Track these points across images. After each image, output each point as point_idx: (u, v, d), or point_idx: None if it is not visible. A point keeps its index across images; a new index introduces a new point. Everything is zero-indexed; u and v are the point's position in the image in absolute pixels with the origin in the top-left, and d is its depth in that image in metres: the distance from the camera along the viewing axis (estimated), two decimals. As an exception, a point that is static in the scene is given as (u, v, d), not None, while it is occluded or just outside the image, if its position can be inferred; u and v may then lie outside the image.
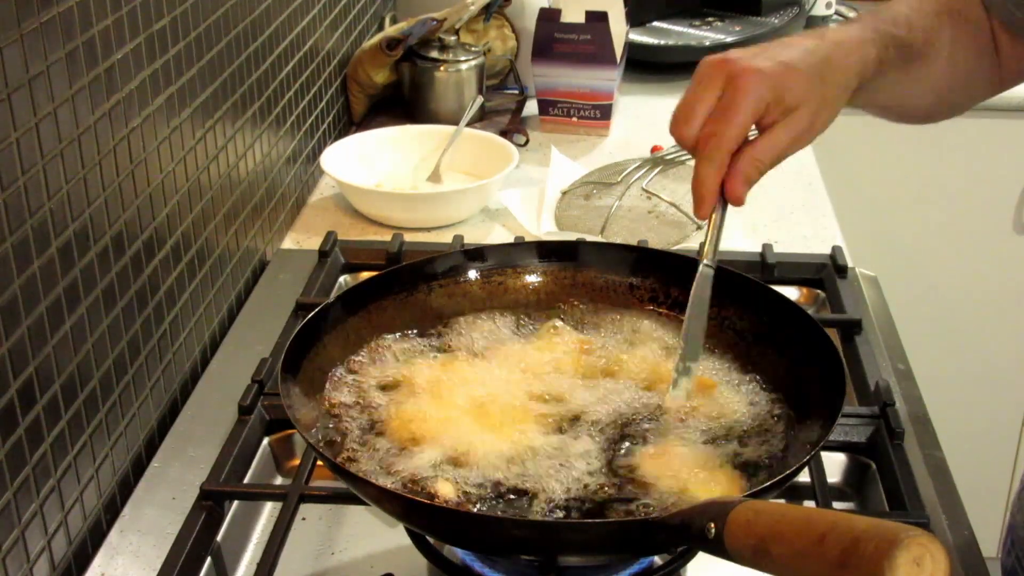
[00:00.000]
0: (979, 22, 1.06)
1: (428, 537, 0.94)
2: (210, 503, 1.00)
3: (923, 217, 2.26)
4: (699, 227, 1.50)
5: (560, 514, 0.85)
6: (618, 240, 1.48)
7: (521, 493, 0.87)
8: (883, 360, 1.22)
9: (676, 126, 0.91)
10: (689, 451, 0.91)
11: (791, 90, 0.90)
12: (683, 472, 0.89)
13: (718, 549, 0.72)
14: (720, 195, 0.90)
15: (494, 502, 0.86)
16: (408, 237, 1.45)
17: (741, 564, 0.72)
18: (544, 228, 1.54)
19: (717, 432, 0.94)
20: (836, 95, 0.94)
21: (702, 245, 0.94)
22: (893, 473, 1.03)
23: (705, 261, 0.94)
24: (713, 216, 0.92)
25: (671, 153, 1.70)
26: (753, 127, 0.91)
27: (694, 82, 0.91)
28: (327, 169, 1.59)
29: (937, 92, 1.07)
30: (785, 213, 1.61)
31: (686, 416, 0.95)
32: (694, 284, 0.94)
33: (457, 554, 0.94)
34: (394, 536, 1.02)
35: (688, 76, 0.93)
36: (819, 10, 2.39)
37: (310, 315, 1.01)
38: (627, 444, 0.92)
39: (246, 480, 1.06)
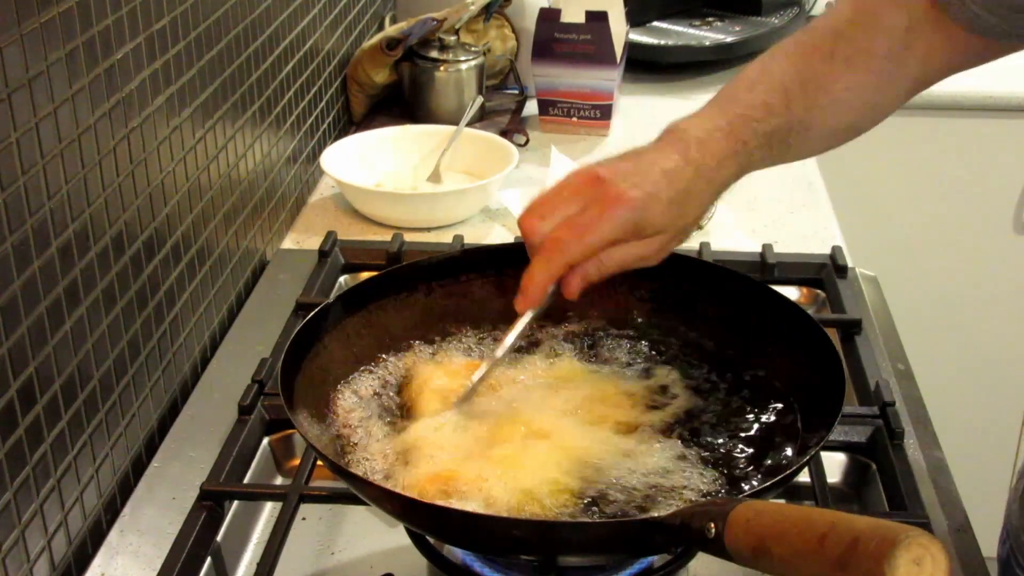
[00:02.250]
0: (887, 49, 0.98)
1: (428, 537, 0.94)
2: (210, 503, 1.00)
3: (923, 217, 2.26)
4: (699, 226, 1.49)
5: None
6: (618, 240, 1.48)
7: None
8: (883, 360, 1.22)
9: (529, 218, 0.92)
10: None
11: (651, 221, 0.91)
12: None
13: (718, 549, 0.72)
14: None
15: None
16: (408, 237, 1.45)
17: (741, 564, 0.72)
18: (544, 228, 1.54)
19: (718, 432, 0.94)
20: (693, 222, 0.95)
21: (510, 331, 0.94)
22: (893, 473, 1.03)
23: (498, 354, 0.95)
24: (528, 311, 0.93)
25: (671, 153, 1.69)
26: None
27: (561, 184, 0.92)
28: (327, 169, 1.59)
29: (831, 136, 1.02)
30: (785, 213, 1.61)
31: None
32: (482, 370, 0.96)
33: (457, 554, 0.94)
34: (394, 536, 1.02)
35: (688, 76, 0.93)
36: (819, 10, 2.40)
37: (310, 315, 1.01)
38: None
39: (246, 480, 1.06)
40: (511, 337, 0.95)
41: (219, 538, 1.00)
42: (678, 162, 0.92)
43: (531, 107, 1.93)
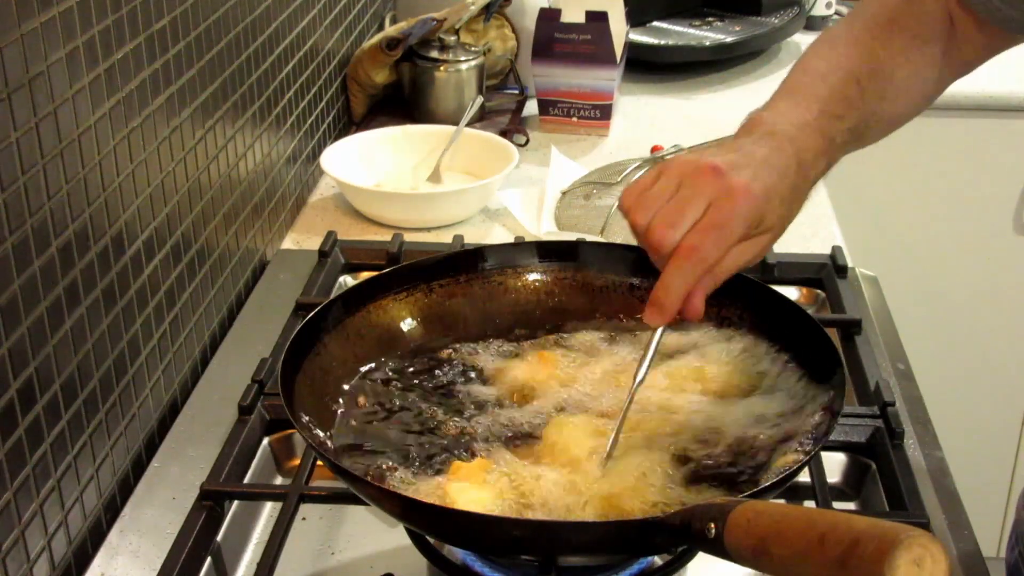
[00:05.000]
0: (938, 34, 1.00)
1: (428, 537, 0.94)
2: (210, 503, 1.00)
3: (923, 217, 2.26)
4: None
5: None
6: (618, 240, 1.48)
7: None
8: (883, 360, 1.22)
9: (660, 228, 0.84)
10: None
11: (768, 217, 0.87)
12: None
13: (718, 549, 0.72)
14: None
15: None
16: (408, 237, 1.45)
17: (741, 564, 0.72)
18: (544, 228, 1.54)
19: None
20: (794, 218, 0.92)
21: (646, 349, 0.90)
22: (893, 473, 1.03)
23: (638, 379, 0.90)
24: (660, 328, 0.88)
25: (671, 153, 1.70)
26: None
27: (668, 180, 0.86)
28: (327, 169, 1.59)
29: (888, 125, 1.03)
30: (785, 213, 1.60)
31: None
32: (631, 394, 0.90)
33: (457, 554, 0.94)
34: (394, 536, 1.02)
35: (688, 76, 0.93)
36: (819, 10, 2.40)
37: (310, 315, 1.01)
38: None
39: (246, 480, 1.06)
40: (649, 355, 0.89)
41: (219, 538, 1.00)
42: (787, 158, 0.88)
43: (531, 107, 1.93)
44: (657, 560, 0.94)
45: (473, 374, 1.03)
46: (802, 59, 0.99)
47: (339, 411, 0.98)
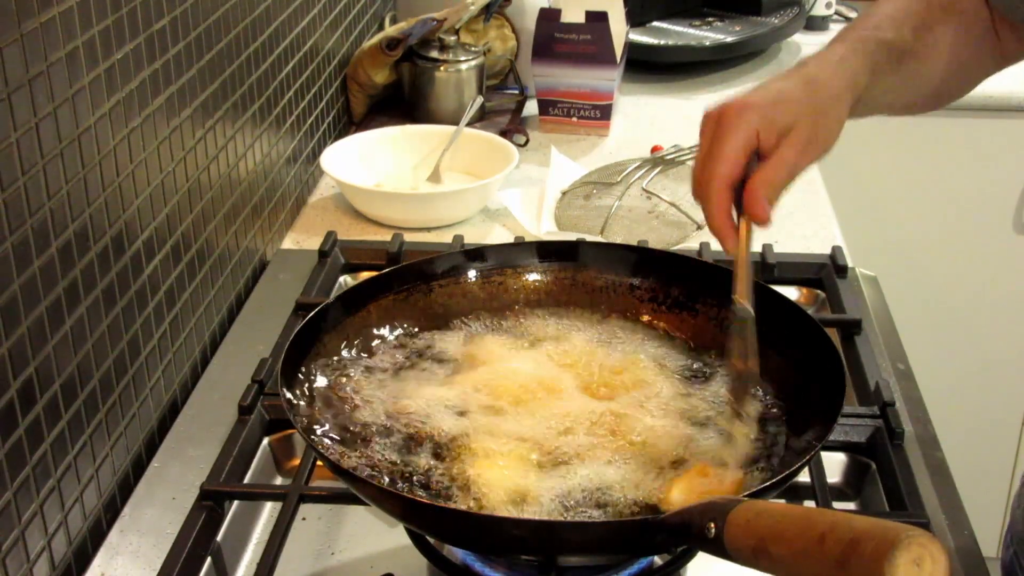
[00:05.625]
0: (974, 11, 1.06)
1: (428, 537, 0.94)
2: (210, 503, 1.00)
3: (923, 217, 2.26)
4: (699, 227, 1.50)
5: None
6: (618, 240, 1.48)
7: None
8: (883, 360, 1.22)
9: (692, 184, 0.93)
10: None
11: (781, 112, 0.91)
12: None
13: (718, 549, 0.72)
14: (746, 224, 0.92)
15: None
16: (408, 237, 1.45)
17: (741, 564, 0.72)
18: (544, 228, 1.54)
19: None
20: (829, 105, 0.94)
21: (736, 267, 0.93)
22: (893, 473, 1.03)
23: (743, 303, 0.93)
24: (740, 247, 0.92)
25: (671, 153, 1.70)
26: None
27: (701, 130, 0.93)
28: (327, 169, 1.59)
29: (936, 83, 1.08)
30: (785, 213, 1.61)
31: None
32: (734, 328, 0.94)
33: (457, 554, 0.94)
34: (394, 536, 1.02)
35: (688, 76, 0.94)
36: (819, 10, 2.40)
37: (310, 315, 1.01)
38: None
39: (246, 480, 1.06)
40: (743, 281, 0.93)
41: (219, 538, 1.00)
42: (797, 69, 0.96)
43: (531, 107, 1.94)
44: (657, 560, 0.94)
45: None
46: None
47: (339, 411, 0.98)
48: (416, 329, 1.07)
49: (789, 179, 0.92)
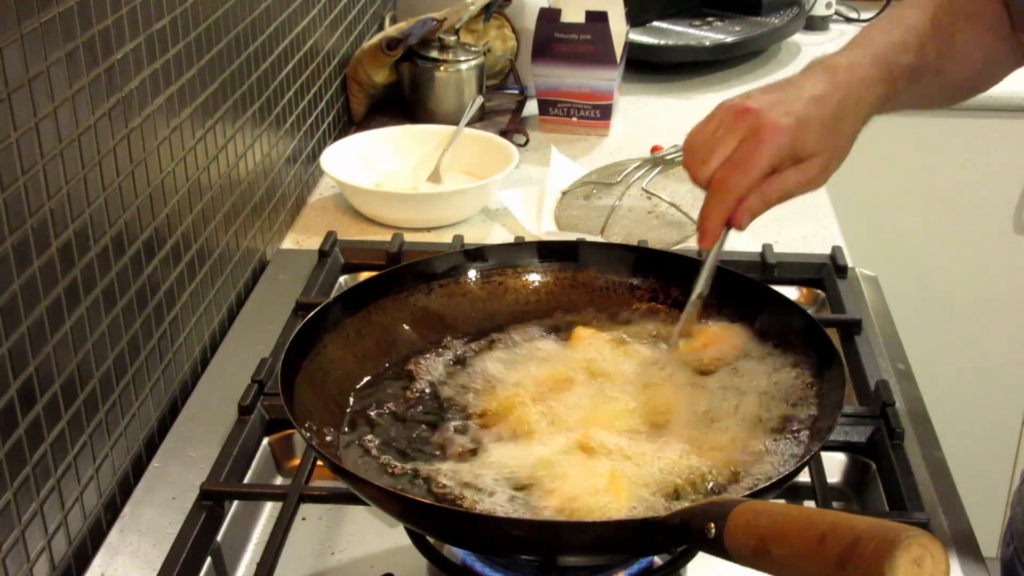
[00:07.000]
0: (996, 15, 1.06)
1: (428, 537, 0.94)
2: (210, 503, 1.00)
3: (923, 217, 2.26)
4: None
5: None
6: (618, 240, 1.48)
7: None
8: (883, 360, 1.22)
9: (692, 162, 0.96)
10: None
11: (805, 143, 0.95)
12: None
13: (718, 549, 0.72)
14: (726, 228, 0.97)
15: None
16: (408, 237, 1.45)
17: (741, 564, 0.72)
18: (544, 228, 1.54)
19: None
20: (847, 143, 0.99)
21: (699, 273, 1.00)
22: (893, 473, 1.03)
23: (698, 291, 1.00)
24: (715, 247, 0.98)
25: (671, 153, 1.69)
26: None
27: (713, 123, 0.96)
28: (327, 169, 1.59)
29: (956, 89, 1.10)
30: (785, 213, 1.60)
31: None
32: (684, 312, 1.02)
33: (457, 554, 0.94)
34: (394, 536, 1.02)
35: (688, 76, 0.95)
36: (819, 10, 2.39)
37: (310, 315, 1.01)
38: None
39: (246, 480, 1.06)
40: (704, 274, 1.00)
41: (219, 538, 1.00)
42: (826, 87, 0.96)
43: (531, 107, 1.93)
44: (657, 560, 0.94)
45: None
46: (873, 20, 1.08)
47: (339, 410, 0.98)
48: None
49: (780, 201, 0.97)
